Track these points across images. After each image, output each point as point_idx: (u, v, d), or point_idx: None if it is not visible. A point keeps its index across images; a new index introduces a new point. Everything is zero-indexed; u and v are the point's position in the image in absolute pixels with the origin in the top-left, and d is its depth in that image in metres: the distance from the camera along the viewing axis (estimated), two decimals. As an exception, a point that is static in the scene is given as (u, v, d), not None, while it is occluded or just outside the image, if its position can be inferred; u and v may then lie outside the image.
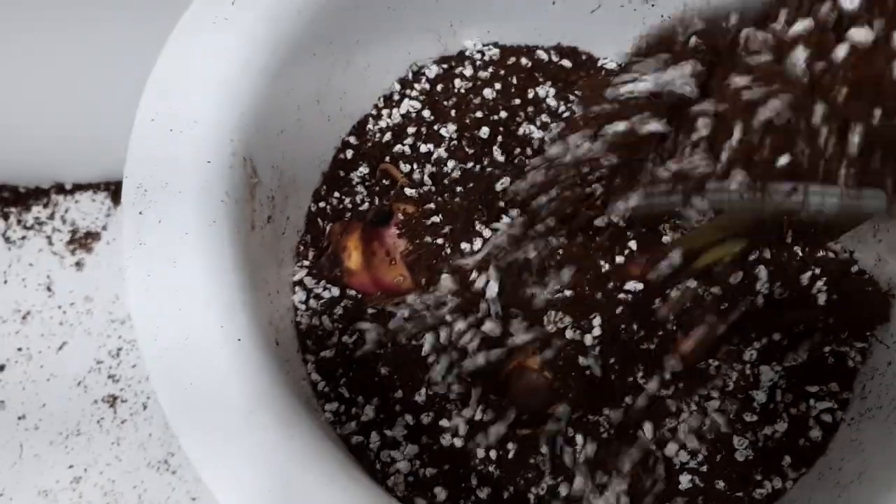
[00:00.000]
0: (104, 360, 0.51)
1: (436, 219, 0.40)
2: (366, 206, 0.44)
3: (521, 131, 0.45)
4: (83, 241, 0.54)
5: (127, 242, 0.32)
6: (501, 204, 0.40)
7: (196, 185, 0.34)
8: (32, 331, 0.52)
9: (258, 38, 0.37)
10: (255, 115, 0.37)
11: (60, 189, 0.55)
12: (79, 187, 0.55)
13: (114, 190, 0.55)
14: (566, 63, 0.48)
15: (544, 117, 0.46)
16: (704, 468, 0.40)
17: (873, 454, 0.37)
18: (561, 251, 0.39)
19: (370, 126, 0.46)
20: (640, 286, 0.39)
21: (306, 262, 0.43)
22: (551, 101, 0.47)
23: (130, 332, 0.51)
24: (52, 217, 0.55)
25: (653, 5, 0.46)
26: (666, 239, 0.40)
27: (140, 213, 0.33)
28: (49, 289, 0.53)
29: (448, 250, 0.40)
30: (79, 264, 0.53)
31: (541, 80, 0.47)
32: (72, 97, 0.49)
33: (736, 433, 0.40)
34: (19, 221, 0.54)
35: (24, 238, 0.54)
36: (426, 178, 0.44)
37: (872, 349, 0.42)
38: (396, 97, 0.47)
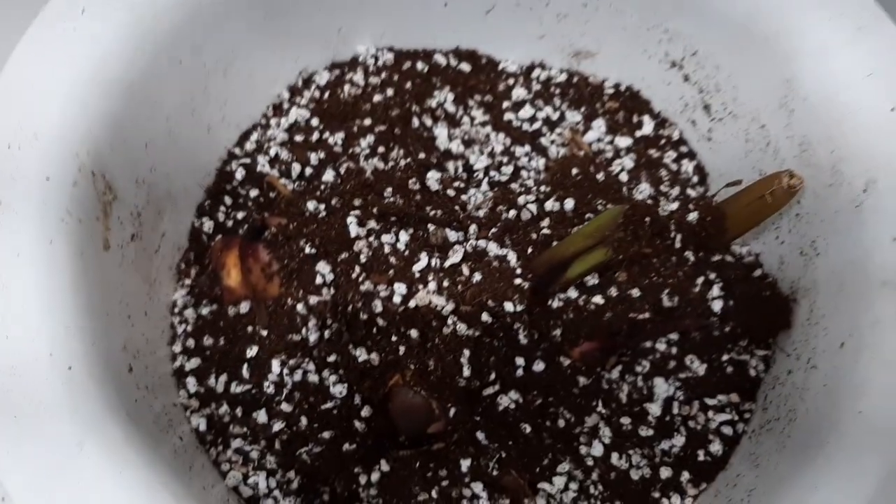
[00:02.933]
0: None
1: (306, 230, 0.38)
2: (253, 220, 0.42)
3: (410, 139, 0.43)
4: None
5: (-49, 266, 0.30)
6: (375, 211, 0.38)
7: (33, 203, 0.32)
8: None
9: (110, 48, 0.35)
10: (109, 128, 0.35)
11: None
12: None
13: None
14: (465, 67, 0.46)
15: (441, 125, 0.44)
16: (599, 489, 0.38)
17: (766, 470, 0.35)
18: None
19: (257, 136, 0.44)
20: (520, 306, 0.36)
21: (188, 281, 0.41)
22: (450, 107, 0.45)
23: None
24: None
25: (547, 4, 0.44)
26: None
27: (-32, 233, 0.31)
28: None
29: (320, 263, 0.38)
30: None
31: (438, 84, 0.45)
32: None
33: (630, 449, 0.38)
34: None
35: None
36: (310, 189, 0.42)
37: (775, 358, 0.39)
38: (286, 105, 0.45)
